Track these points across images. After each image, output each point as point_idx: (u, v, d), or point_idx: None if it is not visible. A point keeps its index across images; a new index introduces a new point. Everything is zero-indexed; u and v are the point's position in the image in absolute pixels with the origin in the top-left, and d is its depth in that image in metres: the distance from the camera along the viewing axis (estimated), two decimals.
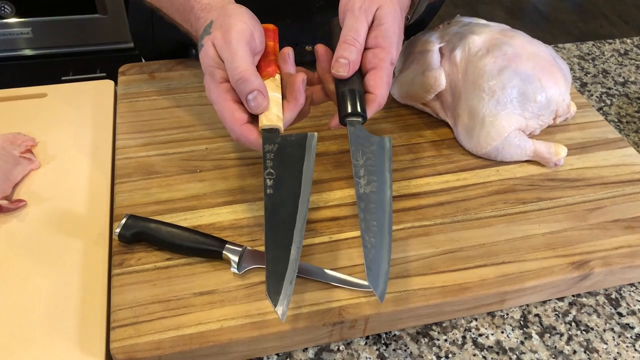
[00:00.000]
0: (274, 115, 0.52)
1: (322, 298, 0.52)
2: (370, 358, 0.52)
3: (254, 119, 0.52)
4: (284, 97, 0.54)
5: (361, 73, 0.55)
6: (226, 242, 0.54)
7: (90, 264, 0.56)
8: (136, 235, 0.55)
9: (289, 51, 0.55)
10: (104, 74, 1.32)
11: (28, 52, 1.34)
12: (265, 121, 0.51)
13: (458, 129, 0.68)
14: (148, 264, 0.54)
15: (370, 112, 0.53)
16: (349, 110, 0.52)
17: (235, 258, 0.53)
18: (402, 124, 0.71)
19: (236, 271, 0.53)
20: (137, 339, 0.48)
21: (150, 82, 0.75)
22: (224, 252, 0.53)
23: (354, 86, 0.53)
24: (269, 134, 0.51)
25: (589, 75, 0.87)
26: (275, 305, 0.44)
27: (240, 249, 0.54)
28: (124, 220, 0.55)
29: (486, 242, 0.58)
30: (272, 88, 0.53)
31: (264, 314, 0.50)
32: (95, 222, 0.59)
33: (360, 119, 0.53)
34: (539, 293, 0.56)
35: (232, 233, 0.57)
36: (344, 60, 0.53)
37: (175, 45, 0.81)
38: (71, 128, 0.70)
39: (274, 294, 0.44)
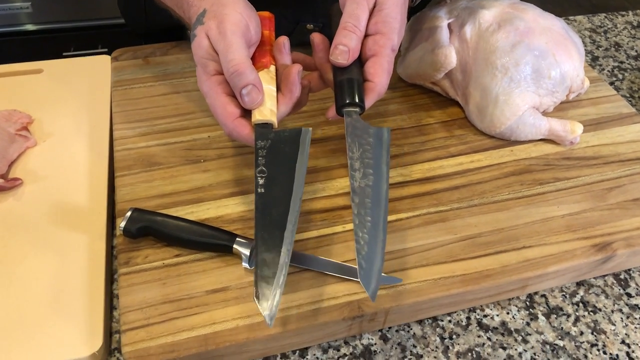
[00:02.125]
0: (268, 110, 0.49)
1: (340, 291, 0.50)
2: (372, 339, 0.51)
3: (247, 113, 0.50)
4: (278, 89, 0.51)
5: (360, 61, 0.52)
6: (236, 235, 0.52)
7: (88, 244, 0.54)
8: (142, 229, 0.52)
9: (284, 41, 0.53)
10: (106, 50, 1.30)
11: (29, 27, 1.30)
12: (258, 116, 0.49)
13: (470, 108, 0.65)
14: (156, 262, 0.51)
15: (369, 102, 0.51)
16: (346, 100, 0.50)
17: (246, 252, 0.51)
18: (410, 104, 0.69)
19: (247, 266, 0.51)
20: (149, 342, 0.46)
21: (145, 68, 0.72)
22: (234, 246, 0.51)
23: (352, 75, 0.51)
24: (262, 129, 0.49)
25: (600, 49, 0.85)
26: (263, 311, 0.42)
27: (251, 243, 0.51)
28: (129, 214, 0.52)
29: (505, 226, 0.56)
30: (267, 80, 0.51)
31: (281, 310, 0.48)
32: (93, 200, 0.58)
33: (357, 109, 0.50)
34: (560, 277, 0.54)
35: (242, 226, 0.55)
36: (344, 47, 0.50)
37: (170, 23, 0.77)
38: (68, 104, 0.68)
39: (262, 299, 0.42)
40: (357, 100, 0.50)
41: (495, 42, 0.63)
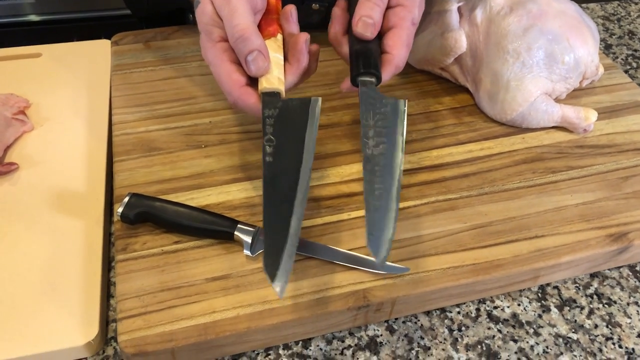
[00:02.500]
0: (275, 78, 0.47)
1: (345, 280, 0.48)
2: (378, 330, 0.49)
3: (253, 81, 0.48)
4: (285, 58, 0.50)
5: (379, 33, 0.50)
6: (238, 222, 0.50)
7: (85, 230, 0.53)
8: (140, 215, 0.50)
9: (291, 9, 0.51)
10: (109, 40, 1.28)
11: (33, 17, 1.29)
12: (265, 84, 0.47)
13: (480, 94, 0.63)
14: (154, 248, 0.50)
15: (387, 74, 0.49)
16: (361, 69, 0.48)
17: (248, 239, 0.49)
18: (418, 90, 0.67)
19: (249, 253, 0.49)
20: (147, 330, 0.44)
21: (146, 52, 0.70)
22: (235, 233, 0.49)
23: (369, 45, 0.49)
24: (269, 97, 0.47)
25: (614, 37, 0.83)
26: (272, 281, 0.39)
27: (253, 230, 0.50)
28: (126, 199, 0.51)
29: (516, 215, 0.54)
30: (274, 49, 0.49)
31: (284, 299, 0.46)
32: (90, 186, 0.56)
33: (373, 79, 0.48)
34: (574, 268, 0.52)
35: (244, 212, 0.53)
36: (369, 19, 0.48)
37: (171, 7, 0.76)
38: (67, 89, 0.67)
39: (271, 268, 0.40)
40: (372, 69, 0.48)
41: (507, 25, 0.60)
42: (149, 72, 0.67)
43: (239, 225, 0.50)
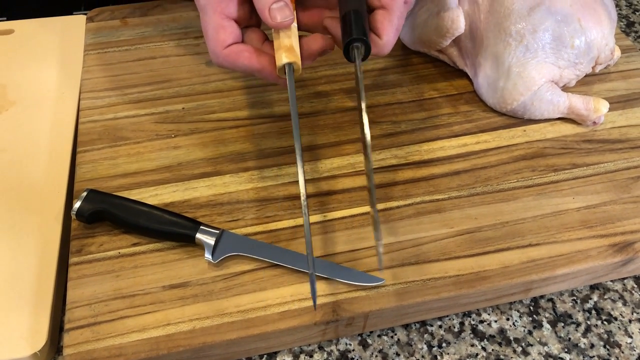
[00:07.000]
0: (296, 51, 0.43)
1: None
2: (350, 345, 0.45)
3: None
4: None
5: (368, 6, 0.45)
6: (200, 223, 0.46)
7: (43, 227, 0.49)
8: (96, 214, 0.46)
9: None
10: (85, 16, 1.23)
11: None
12: (285, 59, 0.42)
13: (479, 80, 0.57)
14: (111, 251, 0.46)
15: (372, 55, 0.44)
16: (354, 34, 0.42)
17: (210, 242, 0.45)
18: (413, 74, 0.61)
19: (210, 258, 0.45)
20: (95, 343, 0.41)
21: (122, 30, 0.65)
22: (197, 235, 0.45)
23: (357, 6, 0.43)
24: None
25: (637, 13, 0.75)
26: None
27: (217, 232, 0.46)
28: (83, 195, 0.47)
29: (509, 219, 0.49)
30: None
31: (245, 311, 0.43)
32: (53, 178, 0.52)
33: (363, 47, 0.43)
34: (571, 280, 0.47)
35: (210, 212, 0.49)
36: None
37: None
38: (38, 70, 0.62)
39: None
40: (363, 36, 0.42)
41: (511, 4, 0.54)
42: (123, 52, 0.63)
43: (201, 227, 0.46)
